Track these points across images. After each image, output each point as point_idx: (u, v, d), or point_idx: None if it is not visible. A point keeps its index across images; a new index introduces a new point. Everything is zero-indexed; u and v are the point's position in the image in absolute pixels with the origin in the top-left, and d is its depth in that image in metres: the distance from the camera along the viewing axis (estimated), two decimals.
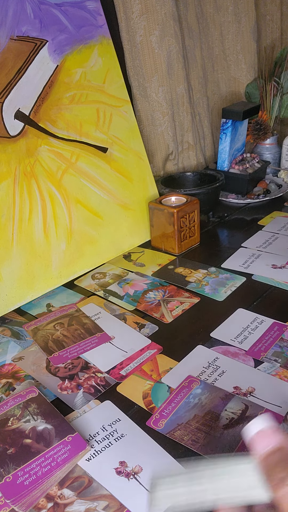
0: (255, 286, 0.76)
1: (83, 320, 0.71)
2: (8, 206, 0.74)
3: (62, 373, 0.61)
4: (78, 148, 0.85)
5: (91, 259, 0.86)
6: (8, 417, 0.53)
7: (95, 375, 0.60)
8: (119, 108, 0.91)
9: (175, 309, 0.72)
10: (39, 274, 0.78)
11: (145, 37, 1.02)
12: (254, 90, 1.26)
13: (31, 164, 0.78)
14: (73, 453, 0.48)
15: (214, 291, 0.76)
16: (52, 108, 0.81)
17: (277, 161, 1.24)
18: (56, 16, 0.81)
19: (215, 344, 0.64)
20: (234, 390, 0.55)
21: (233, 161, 1.13)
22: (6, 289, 0.74)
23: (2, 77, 0.75)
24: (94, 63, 0.87)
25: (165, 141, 1.14)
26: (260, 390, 0.54)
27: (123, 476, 0.46)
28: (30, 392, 0.57)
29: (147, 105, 1.09)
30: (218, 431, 0.49)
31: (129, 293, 0.78)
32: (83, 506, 0.43)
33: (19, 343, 0.68)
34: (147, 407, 0.54)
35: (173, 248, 0.89)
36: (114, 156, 0.90)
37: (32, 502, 0.44)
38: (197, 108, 1.21)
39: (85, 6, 0.86)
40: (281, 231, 0.93)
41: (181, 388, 0.56)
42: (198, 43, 1.16)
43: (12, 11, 0.75)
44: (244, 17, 1.20)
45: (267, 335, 0.64)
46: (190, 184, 1.07)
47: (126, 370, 0.60)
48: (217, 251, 0.89)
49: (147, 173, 0.96)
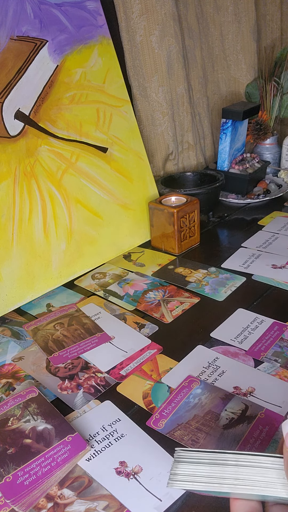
0: (255, 286, 0.76)
1: (83, 320, 0.71)
2: (8, 206, 0.75)
3: (62, 373, 0.61)
4: (78, 148, 0.85)
5: (91, 259, 0.86)
6: (8, 417, 0.53)
7: (95, 375, 0.60)
8: (119, 108, 0.91)
9: (175, 309, 0.72)
10: (39, 274, 0.78)
11: (145, 37, 1.02)
12: (254, 90, 1.26)
13: (31, 164, 0.78)
14: (73, 453, 0.48)
15: (214, 291, 0.76)
16: (52, 108, 0.81)
17: (277, 161, 1.24)
18: (56, 16, 0.81)
19: (215, 344, 0.64)
20: (234, 390, 0.55)
21: (233, 161, 1.13)
22: (6, 289, 0.74)
23: (2, 77, 0.75)
24: (94, 63, 0.87)
25: (165, 141, 1.14)
26: (260, 390, 0.54)
27: (123, 476, 0.46)
28: (30, 392, 0.57)
29: (147, 105, 1.09)
30: (218, 431, 0.49)
31: (129, 293, 0.78)
32: (83, 506, 0.43)
33: (19, 343, 0.68)
34: (147, 407, 0.54)
35: (173, 248, 0.89)
36: (114, 156, 0.90)
37: (32, 502, 0.44)
38: (197, 108, 1.21)
39: (85, 6, 0.86)
40: (281, 231, 0.93)
41: (181, 388, 0.56)
42: (198, 43, 1.16)
43: (12, 11, 0.75)
44: (244, 17, 1.20)
45: (267, 335, 0.64)
46: (190, 184, 1.07)
47: (126, 370, 0.60)
48: (217, 251, 0.89)
49: (147, 173, 0.96)
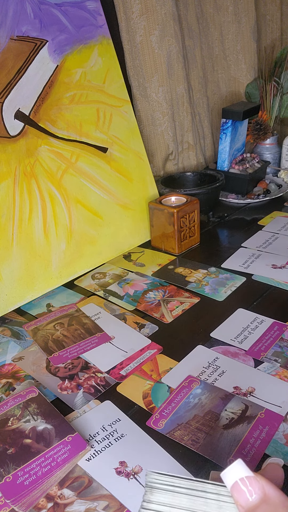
0: (255, 286, 0.76)
1: (83, 320, 0.71)
2: (8, 206, 0.75)
3: (62, 373, 0.61)
4: (78, 148, 0.85)
5: (91, 259, 0.86)
6: (8, 417, 0.53)
7: (95, 375, 0.60)
8: (119, 108, 0.91)
9: (175, 309, 0.72)
10: (39, 274, 0.78)
11: (145, 37, 1.02)
12: (254, 90, 1.26)
13: (31, 164, 0.78)
14: (73, 453, 0.48)
15: (214, 291, 0.76)
16: (52, 108, 0.81)
17: (277, 161, 1.24)
18: (56, 16, 0.81)
19: (215, 344, 0.64)
20: (234, 390, 0.55)
21: (233, 161, 1.13)
22: (6, 289, 0.74)
23: (2, 77, 0.75)
24: (94, 63, 0.87)
25: (165, 141, 1.14)
26: (260, 390, 0.54)
27: (123, 476, 0.46)
28: (30, 392, 0.57)
29: (147, 105, 1.09)
30: (218, 431, 0.49)
31: (129, 293, 0.78)
32: (83, 506, 0.43)
33: (19, 343, 0.68)
34: (147, 407, 0.54)
35: (173, 248, 0.89)
36: (114, 156, 0.90)
37: (32, 502, 0.44)
38: (197, 108, 1.21)
39: (85, 6, 0.86)
40: (281, 231, 0.93)
41: (181, 388, 0.56)
42: (198, 43, 1.16)
43: (12, 11, 0.75)
44: (244, 17, 1.20)
45: (267, 335, 0.64)
46: (190, 184, 1.07)
47: (126, 370, 0.60)
48: (217, 251, 0.89)
49: (147, 173, 0.96)
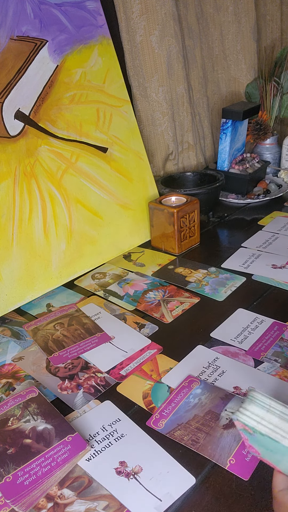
0: (255, 286, 0.76)
1: (83, 320, 0.71)
2: (8, 206, 0.75)
3: (62, 373, 0.61)
4: (78, 148, 0.85)
5: (91, 259, 0.86)
6: (8, 417, 0.53)
7: (95, 375, 0.60)
8: (119, 108, 0.91)
9: (175, 309, 0.72)
10: (39, 274, 0.78)
11: (145, 37, 1.02)
12: (254, 90, 1.26)
13: (31, 164, 0.78)
14: (73, 453, 0.48)
15: (214, 291, 0.76)
16: (52, 108, 0.81)
17: (277, 161, 1.24)
18: (56, 16, 0.81)
19: (215, 344, 0.64)
20: (234, 390, 0.55)
21: (233, 161, 1.13)
22: (6, 289, 0.74)
23: (2, 77, 0.75)
24: (94, 63, 0.87)
25: (165, 141, 1.14)
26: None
27: (123, 476, 0.46)
28: (30, 392, 0.57)
29: (147, 105, 1.09)
30: (218, 431, 0.49)
31: (129, 293, 0.78)
32: (83, 506, 0.43)
33: (19, 343, 0.68)
34: (147, 407, 0.54)
35: (173, 248, 0.89)
36: (114, 156, 0.90)
37: (32, 502, 0.44)
38: (197, 108, 1.21)
39: (85, 6, 0.86)
40: (281, 231, 0.93)
41: (181, 388, 0.56)
42: (198, 43, 1.16)
43: (12, 11, 0.75)
44: (244, 17, 1.20)
45: (267, 335, 0.64)
46: (190, 184, 1.07)
47: (126, 370, 0.60)
48: (217, 251, 0.89)
49: (147, 173, 0.96)
